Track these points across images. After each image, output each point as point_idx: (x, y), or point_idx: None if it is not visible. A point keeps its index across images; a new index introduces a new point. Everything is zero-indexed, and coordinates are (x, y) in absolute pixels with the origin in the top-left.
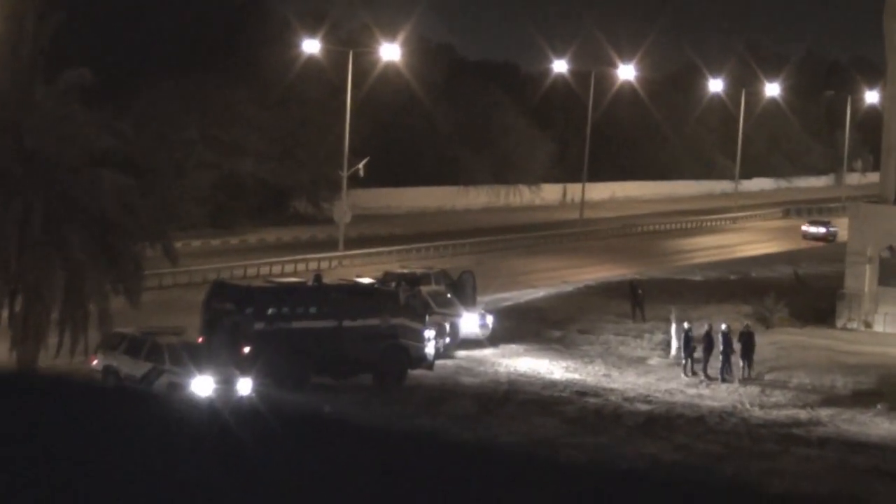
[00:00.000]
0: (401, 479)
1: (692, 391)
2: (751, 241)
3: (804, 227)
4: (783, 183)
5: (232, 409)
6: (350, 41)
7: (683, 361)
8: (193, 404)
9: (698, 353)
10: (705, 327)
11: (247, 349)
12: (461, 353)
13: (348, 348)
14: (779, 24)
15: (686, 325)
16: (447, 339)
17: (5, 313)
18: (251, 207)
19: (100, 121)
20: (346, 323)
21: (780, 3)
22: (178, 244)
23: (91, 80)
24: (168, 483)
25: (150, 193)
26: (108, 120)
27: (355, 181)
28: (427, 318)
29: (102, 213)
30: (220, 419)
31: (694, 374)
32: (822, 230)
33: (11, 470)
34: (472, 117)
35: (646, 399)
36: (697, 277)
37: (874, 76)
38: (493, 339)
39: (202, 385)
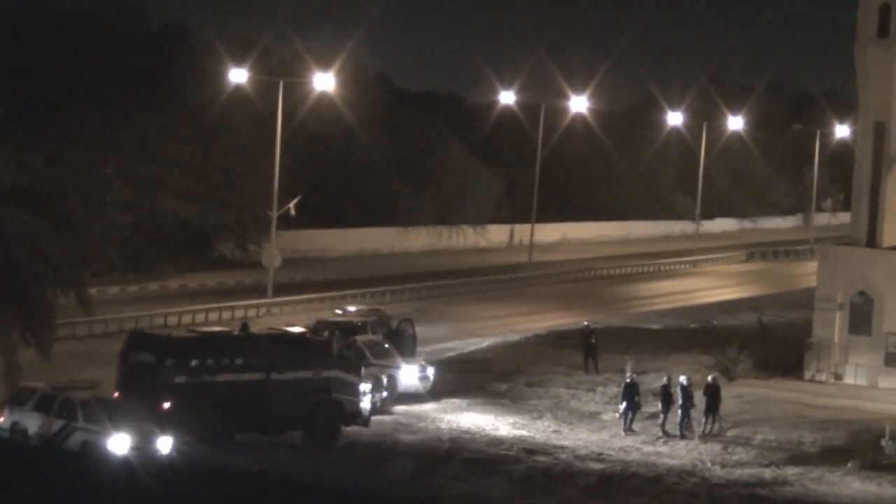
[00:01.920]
0: None
1: (648, 448)
2: (712, 287)
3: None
4: (747, 223)
5: (150, 469)
6: (281, 70)
7: (621, 416)
8: (109, 465)
9: (655, 408)
10: (664, 380)
11: (167, 404)
12: (399, 408)
13: (277, 403)
14: (744, 56)
15: (629, 377)
16: (384, 393)
17: None
18: (173, 250)
19: (7, 155)
20: (275, 375)
21: (745, 33)
22: (94, 291)
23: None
24: None
25: (63, 235)
26: (16, 154)
27: (286, 222)
28: (362, 370)
29: (9, 257)
30: (138, 480)
31: (632, 431)
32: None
33: None
34: (413, 152)
35: (599, 457)
36: (655, 325)
37: (844, 109)
38: (435, 392)
39: (118, 444)
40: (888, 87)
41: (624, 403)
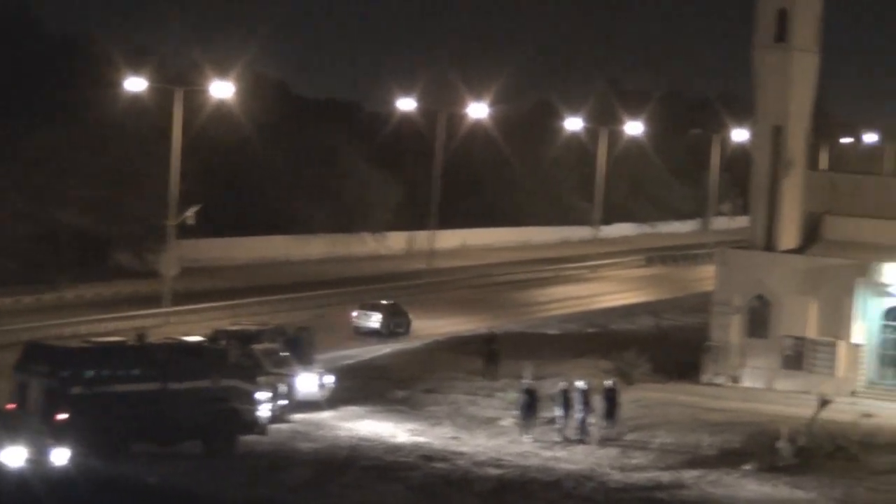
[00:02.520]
0: None
1: (547, 454)
2: (611, 292)
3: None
4: (646, 228)
5: (46, 482)
6: (179, 79)
7: (521, 423)
8: (3, 477)
9: (552, 414)
10: (562, 385)
11: (63, 416)
12: (298, 417)
13: (174, 413)
14: (642, 61)
15: (526, 384)
16: (282, 401)
17: None
18: (69, 260)
19: None
20: (172, 385)
21: (644, 38)
22: None
23: None
24: None
25: None
26: None
27: (184, 231)
28: (260, 378)
29: None
30: (33, 493)
31: (534, 439)
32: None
33: None
34: (312, 160)
35: (497, 463)
36: (554, 331)
37: (742, 113)
38: (333, 400)
39: (13, 456)
40: (785, 91)
41: (523, 410)
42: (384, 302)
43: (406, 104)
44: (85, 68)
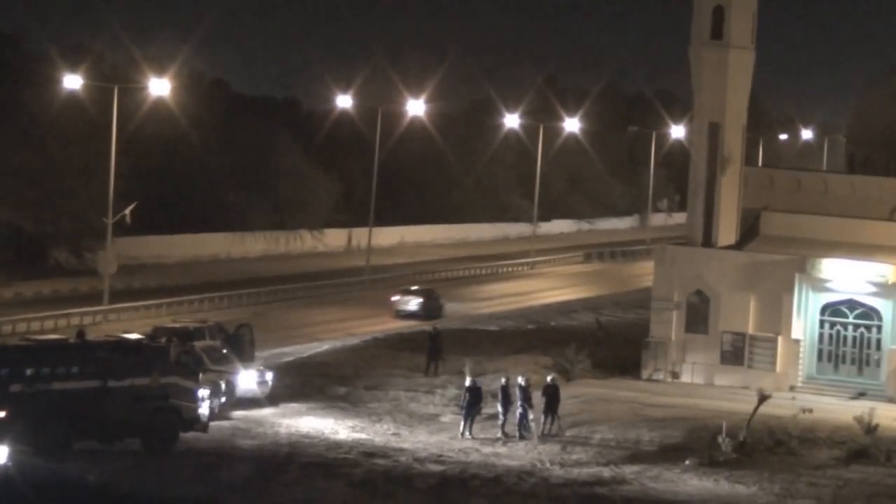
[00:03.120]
0: None
1: (488, 450)
2: (550, 288)
3: (395, 298)
4: (584, 225)
5: None
6: (115, 76)
7: (463, 420)
8: None
9: (492, 410)
10: (502, 381)
11: (2, 413)
12: (238, 414)
13: (114, 410)
14: (580, 58)
15: (467, 381)
16: (223, 399)
17: None
18: (6, 259)
19: None
20: (112, 383)
21: (581, 35)
22: None
23: None
24: None
25: None
26: None
27: (122, 229)
28: (200, 375)
29: None
30: None
31: (473, 437)
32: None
33: None
34: (249, 157)
35: (438, 459)
36: (493, 327)
37: (680, 110)
38: (273, 397)
39: None
40: (722, 88)
41: (464, 408)
42: (421, 288)
43: (344, 101)
44: (20, 66)
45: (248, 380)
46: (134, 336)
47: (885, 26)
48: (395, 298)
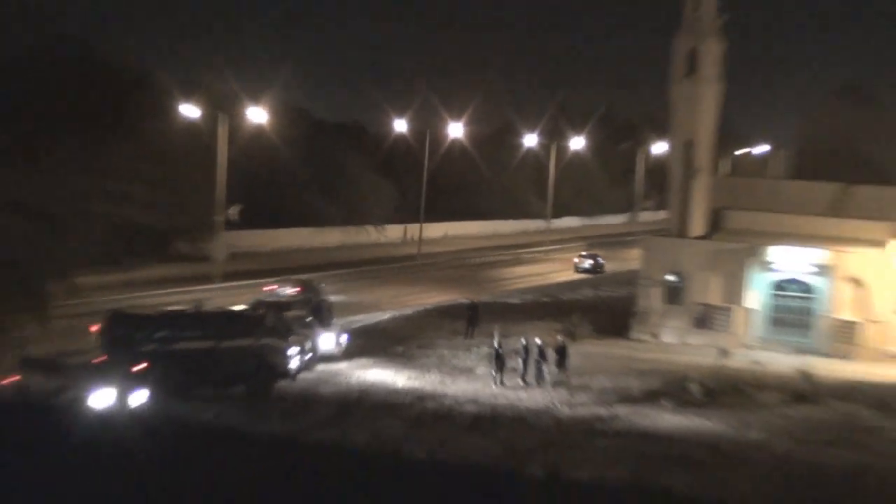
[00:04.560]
0: (269, 478)
1: (512, 395)
2: (560, 270)
3: (576, 260)
4: (587, 221)
5: (127, 416)
6: (223, 105)
7: (493, 373)
8: (95, 414)
9: (514, 364)
10: (522, 341)
11: (141, 366)
12: (320, 367)
13: (224, 364)
14: (585, 87)
15: (496, 342)
16: (308, 355)
17: None
18: (140, 248)
19: (8, 176)
20: (223, 343)
21: (586, 70)
22: (79, 280)
23: (4, 141)
24: (66, 484)
25: (54, 238)
26: (15, 175)
27: (229, 224)
28: (290, 337)
29: (13, 255)
30: (117, 425)
31: (503, 384)
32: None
33: None
34: (327, 169)
35: (474, 402)
36: (516, 301)
37: (661, 131)
38: (347, 354)
39: (104, 397)
40: (694, 114)
41: (494, 362)
42: (593, 252)
43: (400, 125)
44: (149, 97)
45: (327, 341)
46: (239, 307)
47: (828, 57)
48: (576, 259)
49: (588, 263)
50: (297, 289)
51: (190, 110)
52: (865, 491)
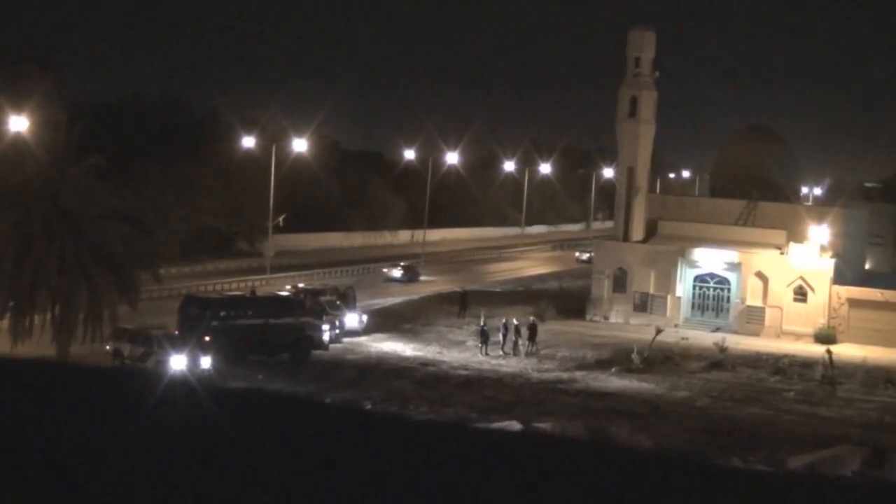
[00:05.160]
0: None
1: (494, 362)
2: (531, 266)
3: (576, 255)
4: (553, 228)
5: (198, 377)
6: (274, 137)
7: (480, 345)
8: (173, 375)
9: (496, 339)
10: (503, 320)
11: (207, 338)
12: (346, 340)
13: (272, 337)
14: (552, 123)
15: (482, 322)
16: (336, 331)
17: (48, 316)
18: (209, 246)
19: (110, 189)
20: (272, 321)
21: (552, 110)
22: (162, 270)
23: (104, 162)
24: (158, 427)
25: (144, 238)
26: (114, 189)
27: (277, 229)
28: (323, 316)
29: (111, 251)
30: (190, 384)
31: (487, 354)
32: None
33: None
34: (353, 187)
35: (465, 367)
36: (498, 290)
37: (610, 159)
38: (367, 330)
39: (179, 362)
40: (635, 146)
41: (480, 337)
42: (587, 249)
43: (409, 153)
44: (217, 131)
45: (351, 320)
46: (284, 293)
47: (739, 102)
48: (576, 254)
49: (586, 256)
50: (404, 264)
51: (249, 141)
52: (766, 436)
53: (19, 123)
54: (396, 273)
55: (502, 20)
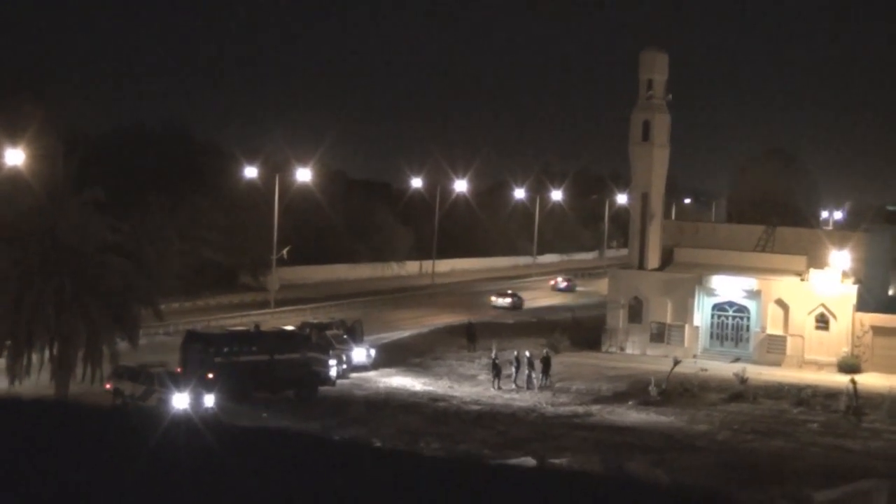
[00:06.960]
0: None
1: (507, 396)
2: (544, 297)
3: (552, 283)
4: (565, 257)
5: (200, 415)
6: (277, 167)
7: (492, 379)
8: (174, 414)
9: (508, 372)
10: (515, 353)
11: (210, 375)
12: (354, 375)
13: (277, 373)
14: (564, 149)
15: (493, 354)
16: (344, 366)
17: (46, 354)
18: (212, 280)
19: (108, 223)
20: (276, 356)
21: (565, 136)
22: (162, 306)
23: (102, 196)
24: (154, 467)
25: (143, 272)
26: (113, 223)
27: (282, 262)
28: (330, 351)
29: (110, 287)
30: (192, 423)
31: (500, 388)
32: (507, 300)
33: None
34: (359, 217)
35: (477, 402)
36: (510, 321)
37: (623, 185)
38: (375, 365)
39: (180, 400)
40: (649, 171)
41: (492, 370)
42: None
43: (416, 182)
44: (219, 163)
45: (359, 354)
46: (289, 327)
47: (756, 126)
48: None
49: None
50: (510, 292)
51: (251, 172)
52: (790, 470)
53: (15, 156)
54: (504, 301)
55: (513, 45)
